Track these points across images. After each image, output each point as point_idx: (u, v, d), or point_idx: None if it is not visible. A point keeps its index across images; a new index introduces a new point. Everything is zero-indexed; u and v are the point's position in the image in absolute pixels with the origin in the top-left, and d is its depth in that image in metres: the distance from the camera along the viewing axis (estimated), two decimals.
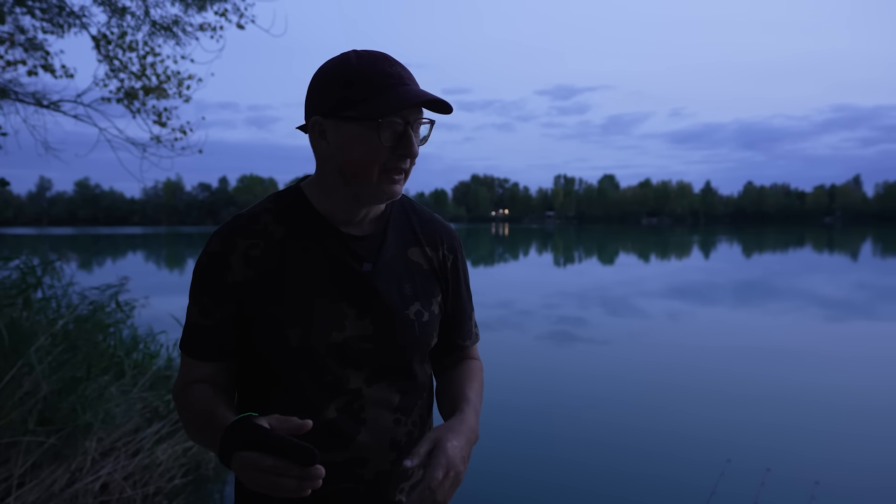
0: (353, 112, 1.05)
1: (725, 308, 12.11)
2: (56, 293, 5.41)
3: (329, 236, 1.15)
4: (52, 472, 3.55)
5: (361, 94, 1.05)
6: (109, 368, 4.54)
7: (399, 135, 1.06)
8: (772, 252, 32.58)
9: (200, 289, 1.14)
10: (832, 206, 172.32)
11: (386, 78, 1.05)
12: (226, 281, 1.12)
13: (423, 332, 1.19)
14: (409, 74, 1.09)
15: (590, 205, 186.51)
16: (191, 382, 1.17)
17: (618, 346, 8.42)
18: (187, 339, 1.17)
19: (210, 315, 1.13)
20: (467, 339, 1.34)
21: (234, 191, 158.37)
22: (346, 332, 1.13)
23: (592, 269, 22.48)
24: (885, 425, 5.17)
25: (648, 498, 3.82)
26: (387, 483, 1.17)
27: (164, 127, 6.03)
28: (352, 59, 1.07)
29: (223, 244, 1.12)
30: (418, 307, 1.19)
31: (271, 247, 1.13)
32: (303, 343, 1.10)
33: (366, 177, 1.08)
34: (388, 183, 1.09)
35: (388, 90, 1.05)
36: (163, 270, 22.72)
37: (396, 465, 1.18)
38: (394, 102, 1.03)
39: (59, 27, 5.91)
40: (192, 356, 1.17)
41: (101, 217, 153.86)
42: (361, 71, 1.05)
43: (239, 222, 1.15)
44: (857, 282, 16.82)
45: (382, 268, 1.17)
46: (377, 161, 1.07)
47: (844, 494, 3.84)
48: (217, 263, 1.12)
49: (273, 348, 1.11)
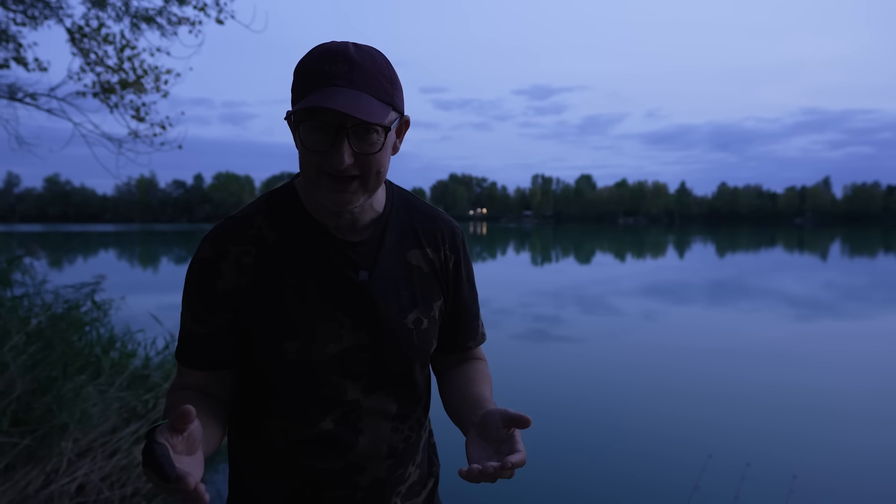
0: (294, 113, 0.99)
1: (699, 307, 12.29)
2: (29, 291, 5.29)
3: (323, 242, 1.10)
4: (27, 474, 3.48)
5: (299, 91, 0.99)
6: (86, 368, 4.45)
7: (331, 140, 0.97)
8: (744, 252, 33.14)
9: (193, 295, 1.09)
10: (802, 208, 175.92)
11: (314, 77, 0.97)
12: (217, 288, 1.07)
13: (421, 340, 1.16)
14: (350, 73, 0.97)
15: (567, 204, 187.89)
16: (179, 388, 1.13)
17: (594, 345, 8.49)
18: (182, 347, 1.13)
19: (204, 323, 1.09)
20: (471, 339, 1.30)
21: (209, 188, 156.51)
22: (342, 343, 1.09)
23: (569, 269, 22.65)
24: (855, 420, 5.29)
25: (633, 494, 3.86)
26: (382, 489, 1.16)
27: (142, 122, 5.93)
28: (314, 52, 1.01)
29: (214, 250, 1.08)
30: (417, 315, 1.15)
31: (264, 254, 1.09)
32: (300, 356, 1.07)
33: (311, 182, 1.02)
34: (329, 191, 1.00)
35: (311, 91, 0.96)
36: (137, 269, 22.35)
37: (392, 471, 1.16)
38: (302, 106, 0.95)
39: (33, 19, 5.78)
40: (183, 364, 1.12)
41: (71, 214, 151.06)
42: (306, 66, 0.99)
43: (231, 226, 1.10)
44: (827, 281, 17.20)
45: (380, 275, 1.12)
46: (310, 165, 1.00)
47: (820, 487, 3.93)
48: (208, 270, 1.08)
49: (270, 361, 1.08)
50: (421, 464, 1.25)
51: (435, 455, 1.33)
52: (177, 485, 0.77)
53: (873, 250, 34.37)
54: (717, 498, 3.36)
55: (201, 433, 0.89)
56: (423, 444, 1.26)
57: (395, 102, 1.02)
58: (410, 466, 1.21)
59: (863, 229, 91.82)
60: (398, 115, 1.04)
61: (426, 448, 1.28)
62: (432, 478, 1.30)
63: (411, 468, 1.21)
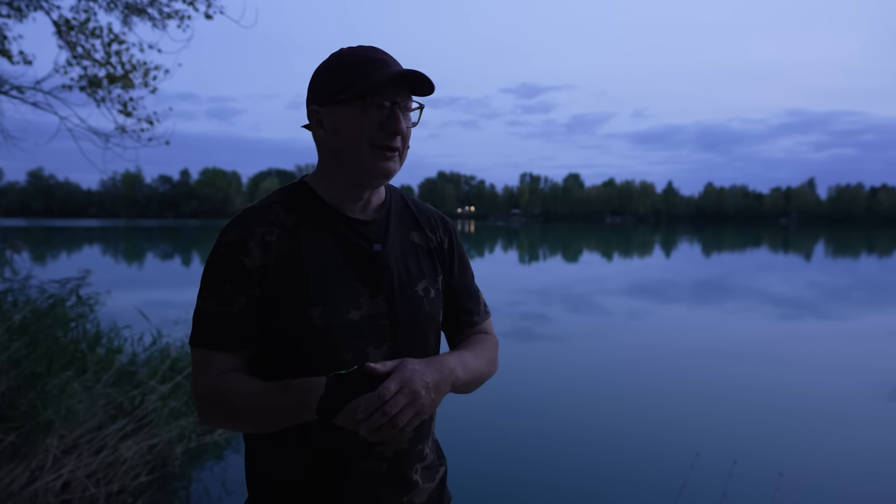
0: (343, 95, 1.13)
1: (685, 306, 12.38)
2: (12, 286, 5.21)
3: (338, 221, 1.21)
4: (11, 471, 3.44)
5: (350, 78, 1.13)
6: (71, 364, 4.41)
7: (386, 113, 1.13)
8: (730, 252, 33.42)
9: (220, 277, 1.14)
10: (788, 208, 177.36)
11: (371, 62, 1.14)
12: (246, 266, 1.13)
13: (431, 307, 1.26)
14: (394, 60, 1.18)
15: (555, 203, 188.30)
16: (221, 374, 1.14)
17: (581, 344, 8.53)
18: (207, 331, 1.14)
19: (232, 302, 1.13)
20: (476, 314, 1.39)
21: (196, 184, 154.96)
22: (362, 310, 1.17)
23: (557, 267, 22.73)
24: (840, 419, 5.36)
25: (621, 492, 3.89)
26: (406, 461, 1.21)
27: (129, 117, 5.87)
28: (344, 52, 1.18)
29: (239, 233, 1.15)
30: (425, 284, 1.27)
31: (284, 233, 1.17)
32: (325, 321, 1.14)
33: (358, 155, 1.14)
34: (379, 160, 1.14)
35: (373, 71, 1.13)
36: (122, 265, 22.15)
37: (413, 443, 1.22)
38: (377, 79, 1.10)
39: (19, 11, 5.70)
40: (214, 348, 1.14)
41: (55, 209, 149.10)
42: (350, 59, 1.15)
43: (251, 213, 1.19)
44: (811, 281, 17.39)
45: (391, 248, 1.23)
46: (365, 138, 1.13)
47: (806, 484, 3.97)
48: (236, 250, 1.14)
49: (296, 328, 1.13)
50: (433, 448, 1.32)
51: (440, 448, 1.37)
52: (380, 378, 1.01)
53: (856, 251, 34.79)
54: (705, 496, 3.39)
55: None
56: (432, 428, 1.32)
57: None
58: (426, 446, 1.27)
59: (846, 230, 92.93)
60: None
61: (433, 435, 1.33)
62: (442, 467, 1.34)
63: (427, 448, 1.27)
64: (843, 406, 5.73)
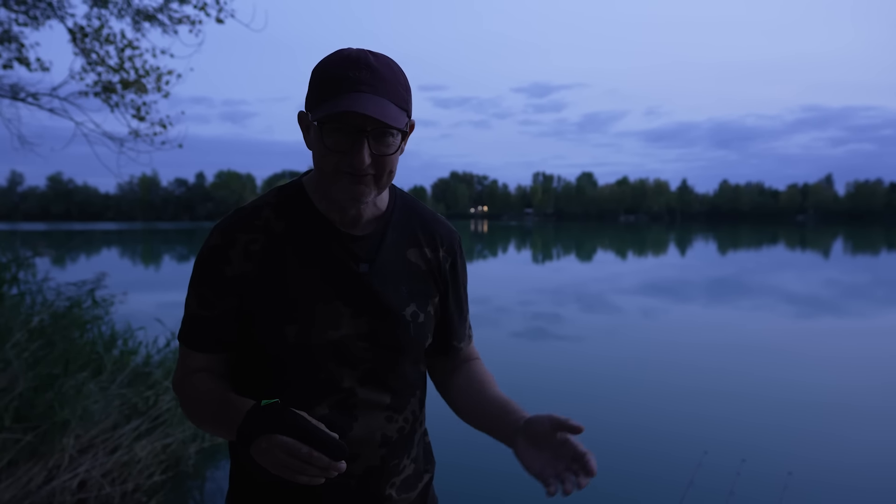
0: (312, 113, 1.07)
1: (700, 305, 12.30)
2: (31, 289, 5.32)
3: (328, 235, 1.17)
4: (29, 470, 3.51)
5: (321, 95, 1.05)
6: (87, 365, 4.48)
7: (347, 144, 1.04)
8: (746, 249, 33.10)
9: (201, 281, 1.16)
10: (805, 205, 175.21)
11: (340, 82, 1.03)
12: (225, 274, 1.13)
13: (417, 332, 1.21)
14: (372, 80, 1.04)
15: (568, 202, 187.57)
16: (191, 373, 1.19)
17: (594, 343, 8.51)
18: (187, 330, 1.18)
19: (211, 307, 1.15)
20: (461, 340, 1.36)
21: (211, 186, 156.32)
22: (341, 331, 1.14)
23: (570, 266, 22.65)
24: (851, 417, 5.31)
25: (629, 488, 3.89)
26: (377, 478, 1.18)
27: (142, 121, 5.96)
28: (333, 58, 1.07)
29: (223, 238, 1.14)
30: (414, 308, 1.21)
31: (271, 242, 1.15)
32: (299, 340, 1.12)
33: (328, 178, 1.08)
34: (349, 183, 1.07)
35: (337, 95, 1.03)
36: (139, 267, 22.40)
37: (386, 461, 1.19)
38: (330, 109, 1.01)
39: (35, 20, 5.81)
40: (191, 347, 1.18)
41: (74, 212, 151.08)
42: (327, 71, 1.06)
43: (240, 216, 1.17)
44: (829, 279, 17.18)
45: (379, 268, 1.18)
46: (330, 163, 1.06)
47: (816, 484, 3.95)
48: (217, 257, 1.14)
49: (271, 344, 1.13)
50: (416, 458, 1.27)
51: (430, 453, 1.36)
52: (340, 456, 0.95)
53: (876, 248, 34.32)
54: (712, 493, 3.38)
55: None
56: (418, 439, 1.27)
57: (409, 108, 1.11)
58: (405, 459, 1.23)
59: (865, 227, 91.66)
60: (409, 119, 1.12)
61: (421, 444, 1.30)
62: (427, 474, 1.32)
63: (406, 461, 1.23)
64: (856, 404, 5.68)
